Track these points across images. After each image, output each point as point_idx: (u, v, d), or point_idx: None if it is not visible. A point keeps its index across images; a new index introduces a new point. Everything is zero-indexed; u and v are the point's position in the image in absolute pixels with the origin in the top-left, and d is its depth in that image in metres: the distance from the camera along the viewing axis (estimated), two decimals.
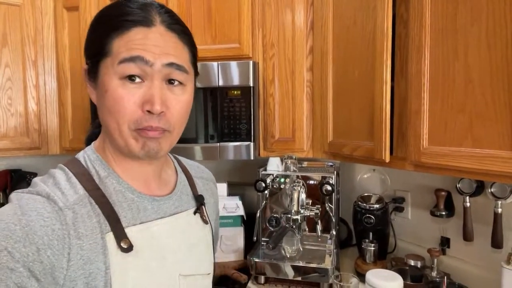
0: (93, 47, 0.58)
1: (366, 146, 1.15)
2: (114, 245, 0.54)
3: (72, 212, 0.52)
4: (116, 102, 0.54)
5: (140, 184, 0.63)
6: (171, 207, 0.66)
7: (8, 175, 1.76)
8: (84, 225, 0.53)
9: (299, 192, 1.31)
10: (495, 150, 0.79)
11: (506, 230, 1.13)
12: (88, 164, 0.60)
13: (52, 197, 0.52)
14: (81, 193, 0.55)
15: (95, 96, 0.61)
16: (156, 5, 0.58)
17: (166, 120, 0.57)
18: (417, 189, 1.45)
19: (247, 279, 1.37)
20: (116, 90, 0.54)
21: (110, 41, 0.55)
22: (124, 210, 0.58)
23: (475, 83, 0.83)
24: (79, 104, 1.67)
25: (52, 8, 1.67)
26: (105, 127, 0.59)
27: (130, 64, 0.54)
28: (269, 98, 1.50)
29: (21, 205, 0.50)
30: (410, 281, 1.23)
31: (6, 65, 1.58)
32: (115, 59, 0.54)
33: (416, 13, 0.97)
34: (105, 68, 0.56)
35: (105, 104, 0.56)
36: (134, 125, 0.55)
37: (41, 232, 0.49)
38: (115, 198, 0.58)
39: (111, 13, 0.57)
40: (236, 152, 1.44)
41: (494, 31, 0.79)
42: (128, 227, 0.57)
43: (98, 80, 0.57)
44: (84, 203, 0.55)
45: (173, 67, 0.56)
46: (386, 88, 1.05)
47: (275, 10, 1.47)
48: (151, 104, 0.54)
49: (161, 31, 0.56)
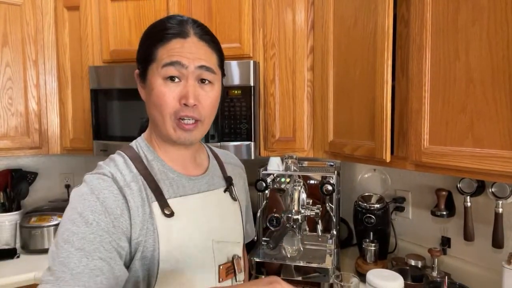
0: (143, 55, 0.73)
1: (366, 145, 1.15)
2: (159, 211, 0.69)
3: (129, 189, 0.67)
4: (160, 97, 0.70)
5: (179, 166, 0.77)
6: (205, 185, 0.80)
7: (8, 175, 1.76)
8: (137, 198, 0.68)
9: (300, 192, 1.31)
10: (496, 150, 0.79)
11: (507, 230, 1.13)
12: (139, 150, 0.75)
13: (115, 177, 0.67)
14: (134, 172, 0.70)
15: (144, 94, 0.76)
16: (191, 21, 0.73)
17: (198, 112, 0.72)
18: (417, 189, 1.45)
19: (247, 279, 1.37)
20: (160, 88, 0.70)
21: (155, 50, 0.70)
22: (166, 186, 0.73)
23: (476, 82, 0.83)
24: (79, 104, 1.67)
25: (53, 7, 1.67)
26: (151, 118, 0.75)
27: (170, 68, 0.69)
28: (269, 97, 1.50)
29: (94, 185, 0.65)
30: (411, 281, 1.23)
31: (6, 64, 1.58)
32: (159, 64, 0.69)
33: (417, 12, 0.97)
34: (151, 71, 0.71)
35: (152, 99, 0.71)
36: (174, 115, 0.70)
37: (114, 205, 0.64)
38: (159, 177, 0.73)
39: (156, 28, 0.73)
40: (236, 152, 1.44)
41: (495, 30, 0.79)
42: (170, 199, 0.71)
43: (147, 81, 0.73)
44: (136, 179, 0.69)
45: (203, 69, 0.71)
46: (387, 87, 1.04)
47: (276, 9, 1.47)
48: (186, 98, 0.69)
49: (194, 41, 0.71)
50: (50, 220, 1.63)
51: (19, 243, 1.65)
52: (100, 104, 1.58)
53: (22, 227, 1.62)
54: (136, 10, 1.57)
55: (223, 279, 0.78)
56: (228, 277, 0.79)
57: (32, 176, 1.85)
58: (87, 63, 1.63)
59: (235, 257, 0.81)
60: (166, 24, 0.72)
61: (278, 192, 1.45)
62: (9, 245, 1.64)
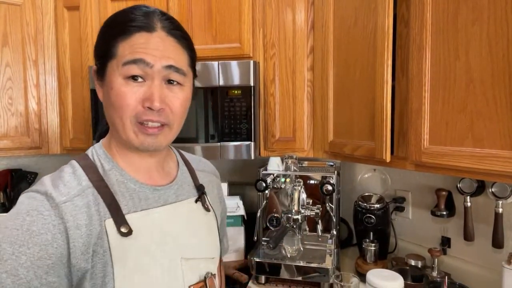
0: (101, 49, 0.64)
1: (367, 145, 1.15)
2: (114, 230, 0.60)
3: (71, 205, 0.58)
4: (120, 98, 0.61)
5: (142, 175, 0.69)
6: (172, 196, 0.71)
7: (8, 175, 1.76)
8: (81, 215, 0.58)
9: (300, 192, 1.31)
10: (496, 150, 0.79)
11: (507, 230, 1.13)
12: (94, 158, 0.67)
13: (50, 194, 0.58)
14: (83, 184, 0.61)
15: (102, 93, 0.67)
16: (158, 12, 0.64)
17: (165, 116, 0.64)
18: (417, 189, 1.45)
19: (247, 279, 1.37)
20: (120, 88, 0.61)
21: (116, 44, 0.61)
22: (125, 199, 0.64)
23: (476, 82, 0.83)
24: (79, 104, 1.67)
25: (53, 7, 1.67)
26: (110, 122, 0.66)
27: (133, 66, 0.60)
28: (269, 97, 1.50)
29: (23, 206, 0.57)
30: (411, 281, 1.23)
31: (6, 64, 1.58)
32: (120, 61, 0.61)
33: (417, 12, 0.97)
34: (111, 68, 0.62)
35: (111, 100, 0.62)
36: (135, 119, 0.62)
37: (44, 229, 0.55)
38: (117, 188, 0.64)
39: (117, 20, 0.64)
40: (236, 152, 1.44)
41: (495, 30, 0.79)
42: (129, 214, 0.63)
43: (105, 79, 0.64)
44: (86, 193, 0.60)
45: (171, 69, 0.63)
46: (387, 87, 1.04)
47: (276, 9, 1.46)
48: (150, 101, 0.61)
49: (162, 36, 0.62)
50: None
51: None
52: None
53: None
54: None
55: None
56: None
57: (32, 176, 1.85)
58: (87, 63, 1.63)
59: (207, 275, 0.71)
60: (129, 15, 0.62)
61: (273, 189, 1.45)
62: None
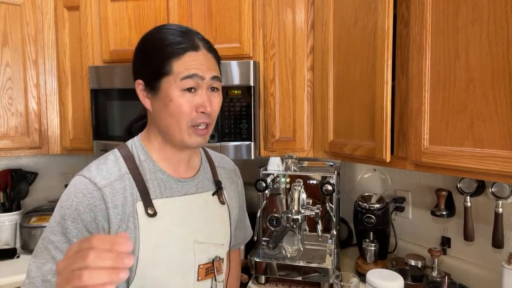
0: (154, 67, 0.75)
1: (367, 145, 1.15)
2: (143, 211, 0.73)
3: (110, 188, 0.72)
4: (179, 107, 0.73)
5: (171, 168, 0.81)
6: (193, 187, 0.83)
7: (8, 175, 1.76)
8: (119, 197, 0.72)
9: (300, 192, 1.31)
10: (496, 150, 0.79)
11: (507, 230, 1.13)
12: (133, 149, 0.79)
13: (94, 179, 0.71)
14: (122, 171, 0.75)
15: (150, 103, 0.78)
16: (196, 33, 0.78)
17: (211, 117, 0.77)
18: (417, 189, 1.45)
19: (247, 279, 1.37)
20: (179, 99, 0.73)
21: (170, 64, 0.73)
22: (154, 186, 0.77)
23: (476, 82, 0.83)
24: (79, 104, 1.67)
25: (53, 7, 1.67)
26: (164, 126, 0.77)
27: (189, 80, 0.73)
28: (269, 97, 1.50)
29: (73, 188, 0.71)
30: (411, 281, 1.23)
31: (6, 64, 1.58)
32: (177, 77, 0.73)
33: (417, 12, 0.97)
34: (167, 83, 0.73)
35: (169, 110, 0.74)
36: (190, 123, 0.75)
37: (88, 209, 0.69)
38: (148, 177, 0.77)
39: (166, 42, 0.74)
40: (236, 152, 1.44)
41: (495, 30, 0.79)
42: (155, 199, 0.76)
43: (160, 93, 0.75)
44: (124, 178, 0.74)
45: (215, 79, 0.76)
46: (387, 87, 1.04)
47: (276, 9, 1.47)
48: (204, 107, 0.74)
49: (204, 53, 0.76)
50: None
51: (19, 243, 1.64)
52: (100, 104, 1.58)
53: (22, 227, 1.62)
54: (136, 10, 1.57)
55: (201, 278, 0.81)
56: (208, 277, 0.83)
57: (32, 176, 1.85)
58: (87, 63, 1.63)
59: (216, 258, 0.84)
60: (177, 37, 0.75)
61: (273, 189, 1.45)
62: (9, 245, 1.64)
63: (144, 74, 0.77)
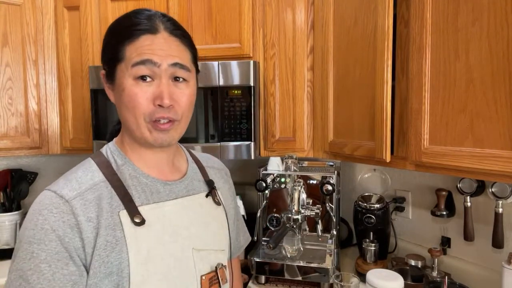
0: (109, 54, 0.68)
1: (367, 145, 1.15)
2: (128, 220, 0.64)
3: (80, 200, 0.62)
4: (132, 98, 0.65)
5: (154, 170, 0.73)
6: (183, 190, 0.75)
7: (8, 175, 1.76)
8: (91, 209, 0.63)
9: (300, 192, 1.31)
10: (496, 150, 0.79)
11: (507, 230, 1.13)
12: (108, 155, 0.71)
13: (60, 192, 0.62)
14: (96, 179, 0.66)
15: (113, 96, 0.71)
16: (159, 15, 0.68)
17: (174, 112, 0.67)
18: (417, 188, 1.45)
19: (247, 279, 1.37)
20: (131, 88, 0.65)
21: (123, 48, 0.65)
22: (138, 192, 0.68)
23: (476, 82, 0.83)
24: (79, 104, 1.67)
25: (53, 7, 1.67)
26: (123, 121, 0.70)
27: (141, 67, 0.64)
28: (269, 97, 1.50)
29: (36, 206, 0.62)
30: (411, 281, 1.23)
31: (6, 64, 1.58)
32: (129, 63, 0.65)
33: (417, 12, 0.97)
34: (120, 71, 0.66)
35: (123, 101, 0.67)
36: (148, 118, 0.66)
37: (56, 226, 0.59)
38: (130, 182, 0.68)
39: (122, 25, 0.68)
40: (236, 152, 1.44)
41: (495, 30, 0.79)
42: (141, 206, 0.67)
43: (115, 82, 0.68)
44: (98, 187, 0.65)
45: (177, 66, 0.67)
46: (387, 87, 1.04)
47: (276, 9, 1.46)
48: (161, 99, 0.65)
49: (165, 36, 0.66)
50: None
51: None
52: (100, 104, 1.58)
53: None
54: None
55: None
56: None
57: (32, 176, 1.85)
58: (87, 63, 1.62)
59: (218, 266, 0.75)
60: (133, 19, 0.66)
61: (273, 189, 1.45)
62: (9, 245, 1.64)
63: (104, 62, 0.69)
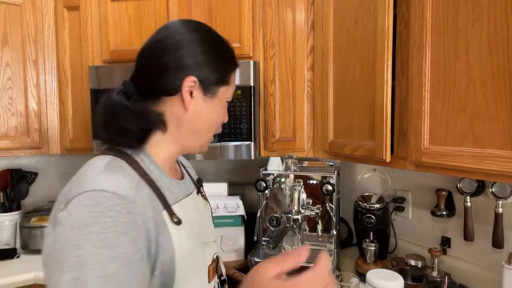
0: (217, 73, 0.71)
1: (366, 145, 1.15)
2: (169, 219, 0.65)
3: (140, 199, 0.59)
4: (221, 116, 0.76)
5: (168, 171, 0.75)
6: (185, 189, 0.79)
7: (8, 175, 1.76)
8: (148, 208, 0.60)
9: (300, 192, 1.31)
10: (496, 150, 0.79)
11: (507, 230, 1.13)
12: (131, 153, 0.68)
13: (119, 192, 0.57)
14: (137, 179, 0.63)
15: (193, 104, 0.70)
16: None
17: None
18: (417, 189, 1.45)
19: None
20: (223, 109, 0.76)
21: (230, 74, 0.74)
22: (165, 191, 0.68)
23: (476, 82, 0.83)
24: (79, 104, 1.67)
25: (53, 7, 1.67)
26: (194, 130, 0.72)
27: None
28: (269, 97, 1.50)
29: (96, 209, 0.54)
30: (411, 281, 1.23)
31: (6, 64, 1.58)
32: (231, 89, 0.76)
33: (417, 12, 0.97)
34: (223, 92, 0.73)
35: (211, 116, 0.73)
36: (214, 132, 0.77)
37: (127, 228, 0.55)
38: (159, 183, 0.68)
39: (228, 51, 0.75)
40: (236, 152, 1.44)
41: (495, 30, 0.79)
42: (172, 206, 0.68)
43: (214, 98, 0.72)
44: (142, 186, 0.62)
45: None
46: (387, 87, 1.04)
47: (276, 9, 1.47)
48: (225, 119, 0.78)
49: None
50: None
51: (19, 243, 1.64)
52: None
53: (22, 227, 1.62)
54: (136, 10, 1.57)
55: (211, 279, 0.76)
56: (213, 277, 0.79)
57: (32, 176, 1.85)
58: (87, 63, 1.63)
59: (215, 256, 0.81)
60: (233, 52, 0.77)
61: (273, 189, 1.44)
62: (9, 245, 1.64)
63: (204, 74, 0.69)
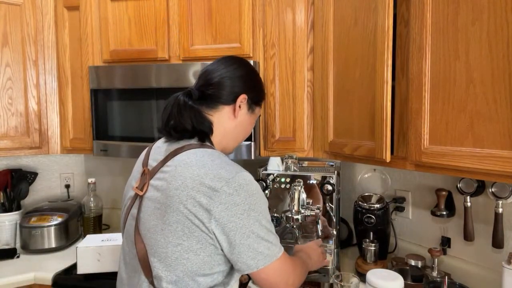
0: (260, 97, 1.01)
1: (367, 145, 1.15)
2: None
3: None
4: (251, 129, 1.03)
5: None
6: None
7: (8, 175, 1.76)
8: None
9: (300, 192, 1.30)
10: (496, 150, 0.79)
11: (507, 230, 1.13)
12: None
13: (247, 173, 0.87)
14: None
15: (239, 114, 0.95)
16: None
17: None
18: (417, 188, 1.45)
19: (247, 279, 1.37)
20: (253, 124, 1.02)
21: (263, 100, 1.03)
22: None
23: (476, 82, 0.83)
24: (79, 104, 1.67)
25: (53, 7, 1.67)
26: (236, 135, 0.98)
27: None
28: (269, 97, 1.50)
29: (255, 185, 0.86)
30: (411, 281, 1.23)
31: (6, 64, 1.58)
32: (260, 110, 1.04)
33: (417, 12, 0.97)
34: (257, 111, 1.02)
35: (248, 127, 1.00)
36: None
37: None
38: None
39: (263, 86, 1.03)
40: (236, 152, 1.44)
41: (495, 30, 0.79)
42: None
43: (254, 113, 1.00)
44: None
45: None
46: (387, 87, 1.04)
47: (276, 9, 1.46)
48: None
49: None
50: (50, 220, 1.63)
51: (19, 243, 1.64)
52: (100, 104, 1.58)
53: (22, 227, 1.62)
54: (136, 10, 1.57)
55: None
56: None
57: (32, 176, 1.85)
58: (87, 63, 1.63)
59: None
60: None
61: (273, 189, 1.44)
62: (9, 245, 1.64)
63: (253, 95, 0.96)
